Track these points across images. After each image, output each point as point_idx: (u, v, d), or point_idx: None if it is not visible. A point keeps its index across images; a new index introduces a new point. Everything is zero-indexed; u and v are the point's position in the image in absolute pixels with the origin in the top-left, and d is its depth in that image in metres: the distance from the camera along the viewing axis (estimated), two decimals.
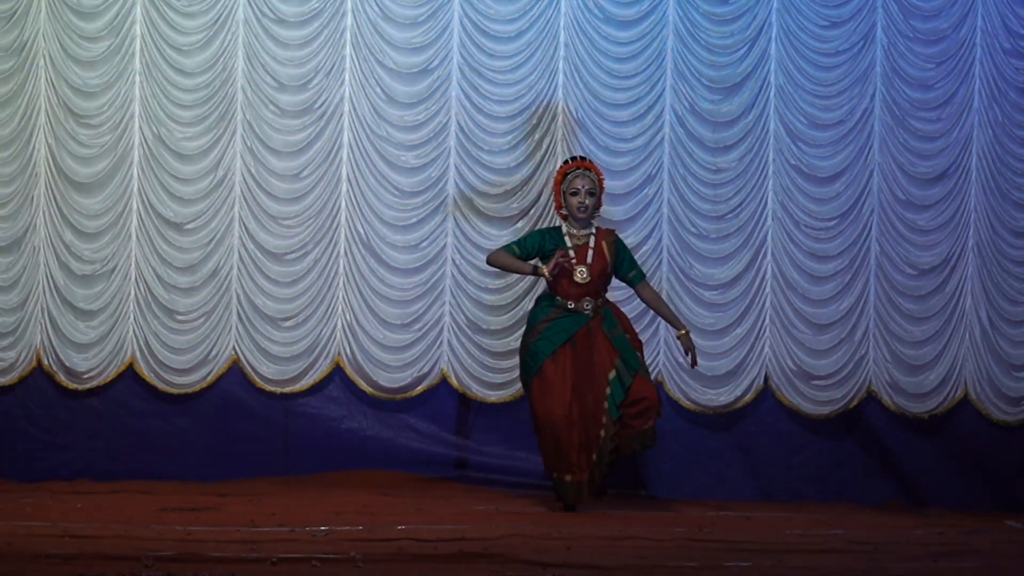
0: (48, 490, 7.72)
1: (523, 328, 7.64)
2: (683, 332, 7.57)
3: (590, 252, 7.47)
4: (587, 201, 7.48)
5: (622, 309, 7.77)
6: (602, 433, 7.32)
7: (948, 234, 8.73)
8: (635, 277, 7.61)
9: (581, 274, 7.43)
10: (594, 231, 7.55)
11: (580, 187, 7.48)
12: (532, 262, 7.52)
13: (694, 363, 7.57)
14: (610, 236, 7.59)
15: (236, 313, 8.35)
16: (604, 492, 7.69)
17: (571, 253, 7.46)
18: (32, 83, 8.22)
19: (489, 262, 7.66)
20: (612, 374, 7.38)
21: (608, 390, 7.35)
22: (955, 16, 8.72)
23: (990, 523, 7.82)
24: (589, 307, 7.46)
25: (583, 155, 7.87)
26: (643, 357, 7.56)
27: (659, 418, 7.46)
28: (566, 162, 7.66)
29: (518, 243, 7.57)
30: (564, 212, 7.55)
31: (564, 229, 7.55)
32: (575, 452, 7.30)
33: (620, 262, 7.56)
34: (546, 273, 7.39)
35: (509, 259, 7.53)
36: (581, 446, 7.32)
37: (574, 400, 7.32)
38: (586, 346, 7.41)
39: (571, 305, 7.45)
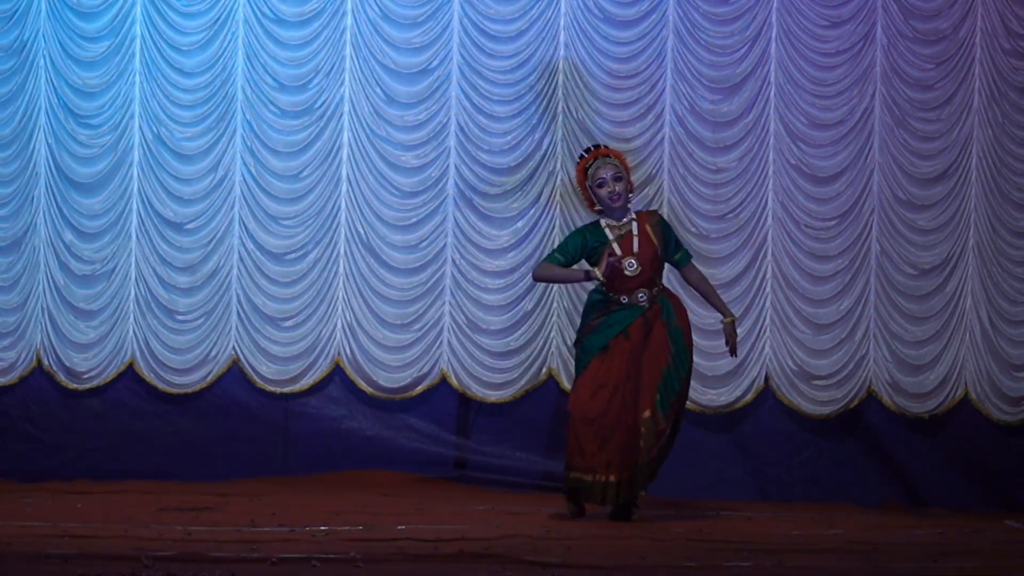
0: (48, 490, 7.72)
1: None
2: (729, 320, 7.05)
3: (635, 240, 6.92)
4: (617, 188, 6.90)
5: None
6: (643, 430, 6.85)
7: (948, 234, 8.71)
8: (681, 259, 7.08)
9: (631, 267, 6.86)
10: (634, 216, 7.00)
11: (605, 176, 6.91)
12: (582, 268, 6.97)
13: (733, 352, 7.11)
14: (653, 217, 7.06)
15: (236, 313, 8.35)
16: (628, 515, 6.97)
17: (616, 247, 6.88)
18: (32, 83, 8.23)
19: (536, 279, 7.26)
20: (666, 367, 6.89)
21: (660, 381, 6.87)
22: (955, 16, 8.70)
23: (990, 523, 7.81)
24: (644, 298, 6.90)
25: (596, 143, 7.51)
26: (691, 363, 7.02)
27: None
28: (582, 156, 7.14)
29: (559, 250, 7.02)
30: (598, 208, 6.99)
31: (603, 223, 6.98)
32: (595, 449, 6.79)
33: (666, 243, 7.01)
34: (599, 276, 6.80)
35: (556, 270, 6.98)
36: (606, 444, 6.81)
37: (615, 395, 6.82)
38: (641, 337, 6.88)
39: (624, 300, 6.90)
